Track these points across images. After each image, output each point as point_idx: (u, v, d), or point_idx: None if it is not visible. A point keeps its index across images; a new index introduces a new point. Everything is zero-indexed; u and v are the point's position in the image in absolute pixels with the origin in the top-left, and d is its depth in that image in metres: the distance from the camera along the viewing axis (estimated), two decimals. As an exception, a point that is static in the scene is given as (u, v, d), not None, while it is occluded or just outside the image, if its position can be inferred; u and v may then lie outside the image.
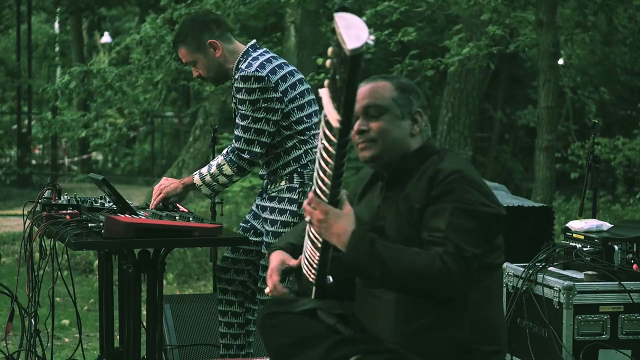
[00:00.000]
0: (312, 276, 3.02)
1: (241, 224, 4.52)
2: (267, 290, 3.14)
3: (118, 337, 4.27)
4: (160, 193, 4.22)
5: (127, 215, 3.74)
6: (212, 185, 4.20)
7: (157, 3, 12.51)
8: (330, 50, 2.42)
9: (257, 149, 4.15)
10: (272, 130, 4.16)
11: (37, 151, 20.79)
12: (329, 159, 2.58)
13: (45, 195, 4.03)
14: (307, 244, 2.97)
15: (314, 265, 2.97)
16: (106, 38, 23.48)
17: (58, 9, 20.08)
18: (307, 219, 2.78)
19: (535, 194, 9.24)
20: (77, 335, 4.27)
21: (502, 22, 10.36)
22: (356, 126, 2.93)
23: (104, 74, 11.06)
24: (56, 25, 24.61)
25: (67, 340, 6.21)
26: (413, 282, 2.71)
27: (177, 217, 3.86)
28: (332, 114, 2.48)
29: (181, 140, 20.07)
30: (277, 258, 3.16)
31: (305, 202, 2.76)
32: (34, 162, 20.03)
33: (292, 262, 3.14)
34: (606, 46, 12.64)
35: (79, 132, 13.04)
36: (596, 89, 13.41)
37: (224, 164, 4.17)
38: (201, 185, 4.21)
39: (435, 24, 12.93)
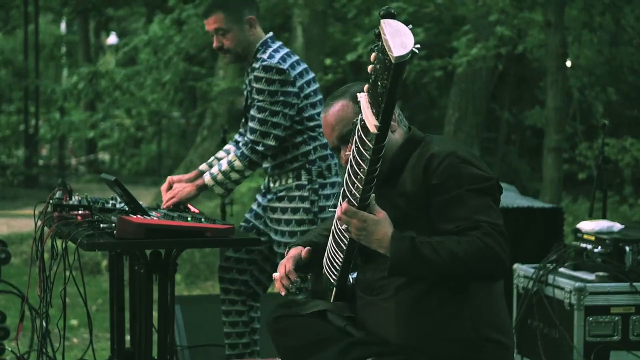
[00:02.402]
0: (334, 277, 3.02)
1: (242, 224, 4.50)
2: (275, 275, 3.12)
3: (128, 338, 4.27)
4: (173, 197, 4.21)
5: (139, 216, 3.73)
6: (225, 183, 4.18)
7: (164, 3, 12.51)
8: (373, 55, 2.42)
9: (272, 142, 4.14)
10: (288, 124, 4.16)
11: (44, 152, 20.81)
12: (362, 164, 2.59)
13: (57, 195, 4.02)
14: (331, 245, 2.97)
15: (337, 267, 2.97)
16: (113, 39, 23.50)
17: (65, 10, 20.10)
18: (344, 227, 2.78)
19: (543, 194, 9.22)
20: (86, 336, 4.27)
21: (510, 22, 10.35)
22: (343, 156, 2.94)
23: (112, 75, 11.08)
24: (63, 25, 24.65)
25: (75, 340, 6.22)
26: (459, 270, 2.72)
27: (188, 218, 3.85)
28: (370, 119, 2.48)
29: (188, 141, 20.07)
30: (295, 250, 3.16)
31: (339, 212, 2.76)
32: (41, 162, 20.05)
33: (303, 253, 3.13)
34: (613, 47, 12.61)
35: (87, 132, 13.09)
36: (603, 90, 13.38)
37: (235, 160, 4.16)
38: (213, 184, 4.19)
39: (443, 25, 12.91)
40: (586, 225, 4.70)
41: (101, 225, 3.72)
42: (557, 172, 9.15)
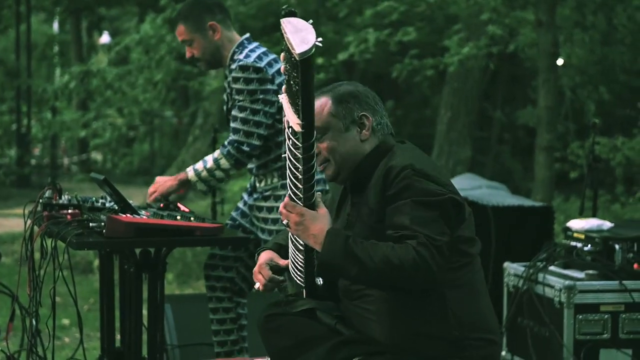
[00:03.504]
0: (300, 279, 3.02)
1: (228, 222, 4.51)
2: (257, 285, 3.12)
3: (119, 337, 4.27)
4: (155, 191, 4.20)
5: (128, 215, 3.73)
6: (209, 180, 4.18)
7: (156, 3, 12.50)
8: (282, 56, 2.45)
9: (256, 142, 4.15)
10: (270, 122, 4.17)
11: (36, 151, 20.77)
12: (297, 164, 2.60)
13: (46, 194, 4.02)
14: (290, 247, 2.98)
15: (300, 268, 2.97)
16: (105, 38, 23.48)
17: (57, 9, 20.07)
18: (285, 222, 2.79)
19: (535, 193, 9.24)
20: (77, 335, 4.26)
21: (501, 21, 10.36)
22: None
23: (104, 74, 11.06)
24: (55, 25, 24.61)
25: (67, 340, 6.21)
26: (389, 275, 2.71)
27: (178, 217, 3.85)
28: (292, 119, 2.51)
29: (180, 140, 20.06)
30: (264, 256, 3.17)
31: (281, 206, 2.78)
32: (33, 162, 20.01)
33: (281, 261, 3.14)
34: (605, 46, 12.63)
35: (79, 131, 13.07)
36: (595, 89, 13.40)
37: (222, 158, 4.16)
38: (197, 181, 4.18)
39: (435, 24, 12.93)
40: (576, 224, 4.71)
41: (90, 224, 3.72)
42: (549, 171, 9.17)
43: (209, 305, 4.48)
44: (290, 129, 2.56)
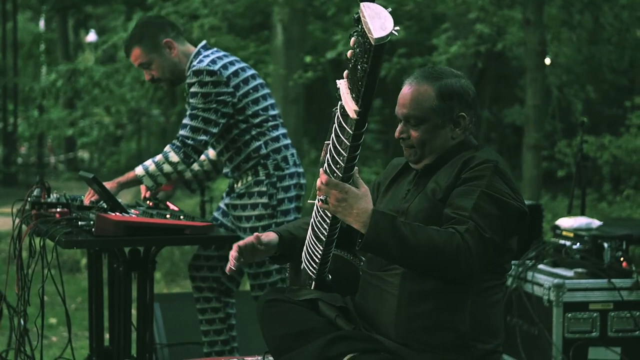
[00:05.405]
0: (313, 271, 3.01)
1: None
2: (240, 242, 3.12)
3: (107, 336, 4.25)
4: (93, 195, 4.13)
5: (117, 214, 3.72)
6: (156, 175, 4.13)
7: (143, 1, 12.47)
8: (352, 40, 2.41)
9: (203, 137, 4.13)
10: (221, 120, 4.15)
11: (23, 150, 20.71)
12: (342, 151, 2.57)
13: (35, 193, 4.00)
14: (311, 238, 2.96)
15: (316, 260, 2.96)
16: (92, 36, 23.42)
17: (44, 7, 20.00)
18: (322, 197, 2.75)
19: (523, 192, 9.25)
20: (65, 334, 4.25)
21: (489, 20, 10.39)
22: (397, 131, 2.98)
23: (91, 72, 11.02)
24: (41, 23, 24.53)
25: (54, 339, 6.19)
26: (432, 258, 2.70)
27: (167, 216, 3.84)
28: (349, 104, 2.46)
29: (167, 139, 20.01)
30: (266, 235, 3.17)
31: (318, 182, 2.74)
32: (20, 160, 19.95)
33: (265, 238, 3.12)
34: (592, 45, 12.68)
35: (66, 130, 13.02)
36: (582, 88, 13.44)
37: (170, 151, 4.14)
38: (143, 176, 4.13)
39: (423, 22, 12.94)
40: (565, 222, 4.71)
41: (79, 222, 3.70)
42: (537, 170, 9.20)
43: (196, 306, 4.47)
44: (342, 115, 2.52)
